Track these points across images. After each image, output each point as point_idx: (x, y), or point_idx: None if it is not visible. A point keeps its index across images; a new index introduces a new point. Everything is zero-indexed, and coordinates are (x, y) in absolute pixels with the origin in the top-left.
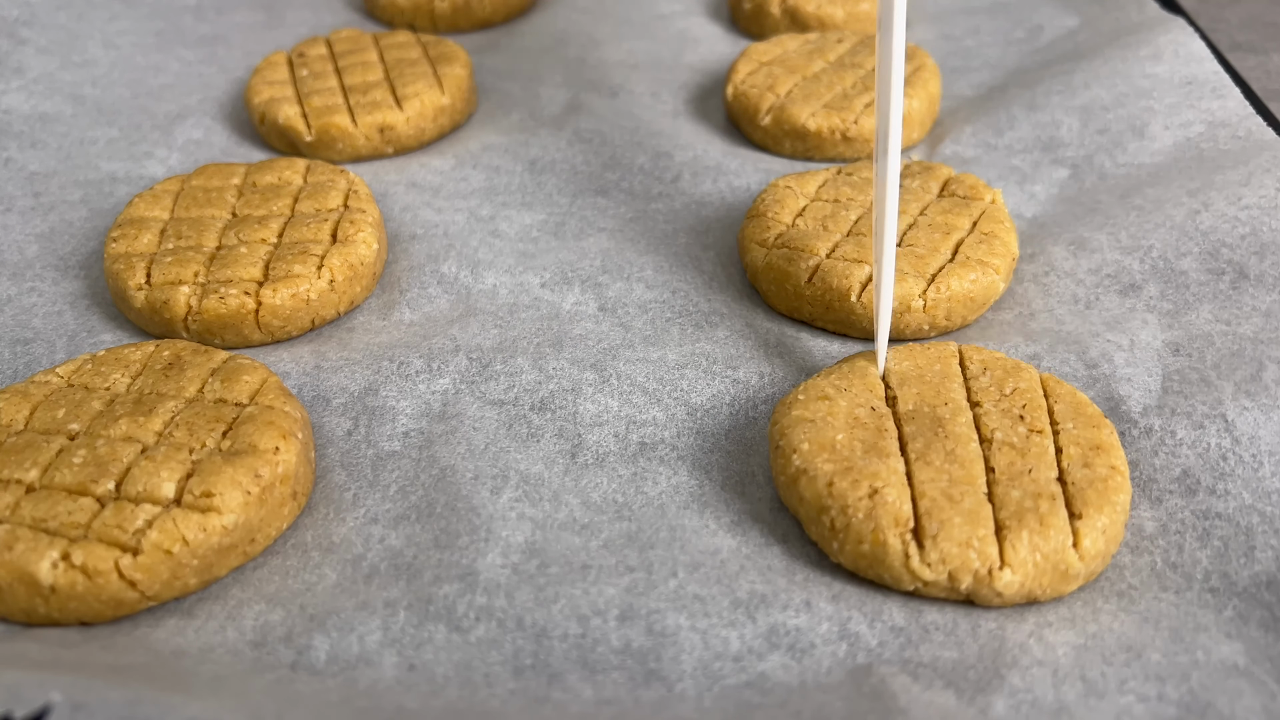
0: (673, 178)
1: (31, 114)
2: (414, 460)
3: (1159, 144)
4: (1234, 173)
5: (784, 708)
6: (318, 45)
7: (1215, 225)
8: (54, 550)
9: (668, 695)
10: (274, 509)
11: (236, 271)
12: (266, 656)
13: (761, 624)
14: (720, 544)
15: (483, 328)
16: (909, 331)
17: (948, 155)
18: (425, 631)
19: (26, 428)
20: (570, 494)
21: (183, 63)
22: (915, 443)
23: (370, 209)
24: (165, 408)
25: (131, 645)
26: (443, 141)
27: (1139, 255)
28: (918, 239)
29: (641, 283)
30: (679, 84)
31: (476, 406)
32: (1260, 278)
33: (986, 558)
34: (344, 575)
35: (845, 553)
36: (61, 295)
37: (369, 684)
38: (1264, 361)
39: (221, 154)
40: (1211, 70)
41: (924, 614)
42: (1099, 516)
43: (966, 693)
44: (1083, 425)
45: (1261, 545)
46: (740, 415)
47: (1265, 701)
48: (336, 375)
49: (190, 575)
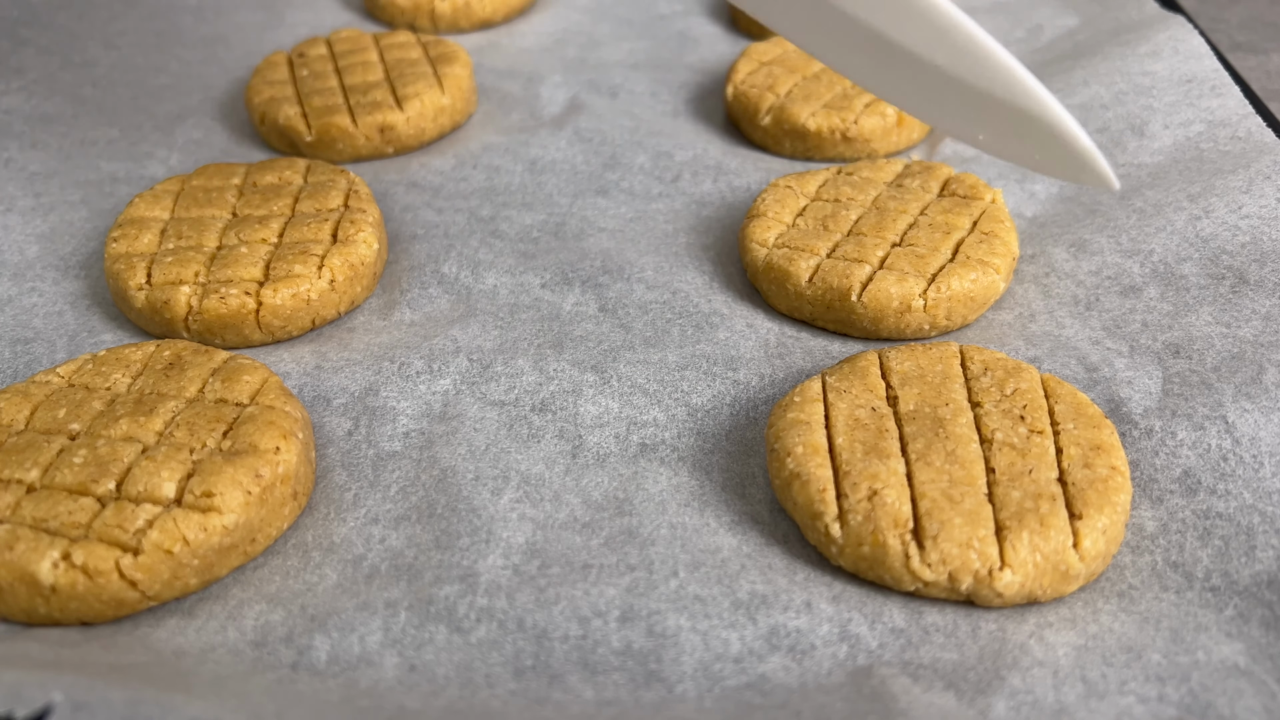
0: (673, 178)
1: (32, 114)
2: (415, 461)
3: (1159, 143)
4: (1234, 178)
5: (784, 709)
6: (318, 45)
7: (1216, 232)
8: (55, 550)
9: (668, 696)
10: (274, 509)
11: (237, 271)
12: (267, 656)
13: (762, 625)
14: (721, 543)
15: (483, 328)
16: (909, 331)
17: (948, 155)
18: (426, 632)
19: (27, 428)
20: (571, 493)
21: (183, 63)
22: (916, 443)
23: (370, 209)
24: (166, 408)
25: (132, 645)
26: (443, 141)
27: (1139, 259)
28: (918, 239)
29: (641, 283)
30: (679, 84)
31: (477, 407)
32: (1260, 283)
33: (987, 558)
34: (345, 575)
35: (845, 554)
36: (62, 295)
37: (370, 684)
38: (1264, 364)
39: (221, 154)
40: (1211, 68)
41: (924, 615)
42: (1099, 517)
43: (967, 694)
44: (1083, 426)
45: (1262, 545)
46: (741, 416)
47: (1266, 701)
48: (337, 375)
49: (191, 575)
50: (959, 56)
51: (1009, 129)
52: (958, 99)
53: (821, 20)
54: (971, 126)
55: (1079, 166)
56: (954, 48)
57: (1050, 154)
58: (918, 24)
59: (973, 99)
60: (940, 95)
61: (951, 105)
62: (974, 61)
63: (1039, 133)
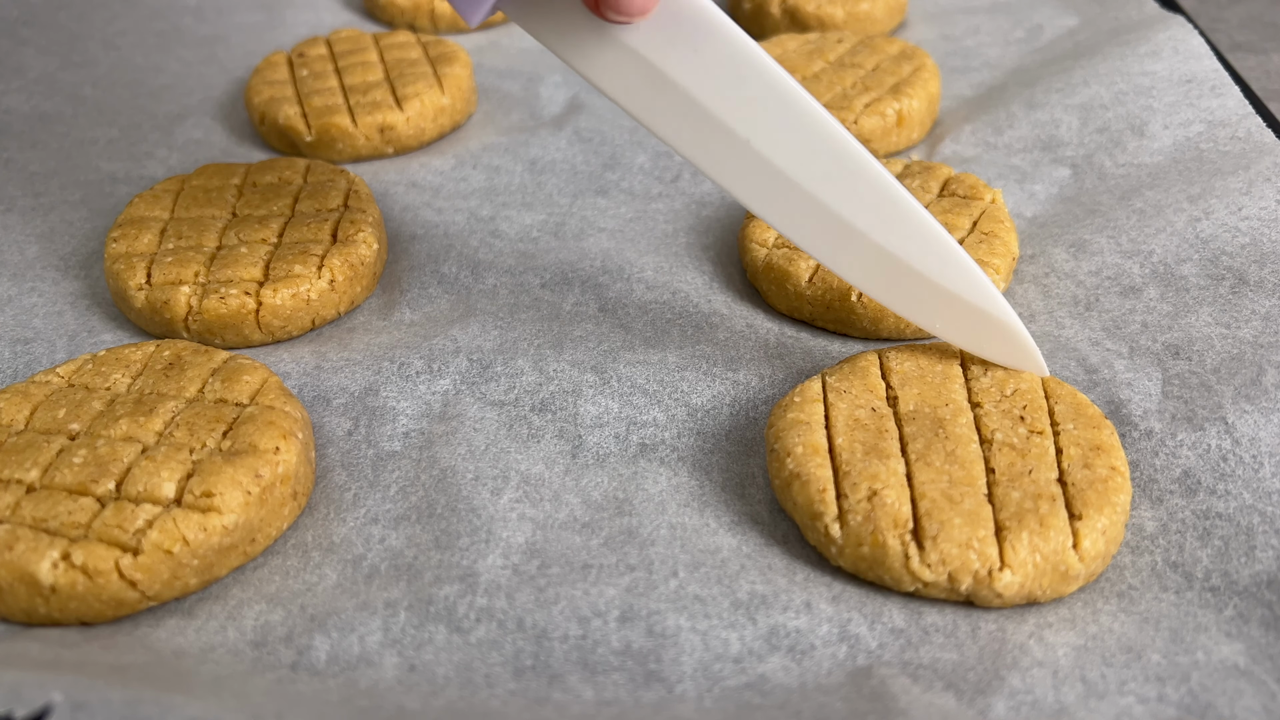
0: (673, 178)
1: (31, 114)
2: (414, 461)
3: (1159, 143)
4: (1234, 179)
5: (784, 709)
6: (318, 45)
7: (1216, 234)
8: (54, 550)
9: (668, 696)
10: (274, 509)
11: (237, 271)
12: (267, 656)
13: (762, 625)
14: (721, 543)
15: (483, 328)
16: (909, 331)
17: (947, 155)
18: (426, 632)
19: (27, 428)
20: (571, 493)
21: (183, 63)
22: (916, 443)
23: (370, 209)
24: (165, 408)
25: (132, 645)
26: (443, 141)
27: (1139, 259)
28: None
29: (641, 283)
30: None
31: (477, 407)
32: (1260, 283)
33: (986, 559)
34: (344, 575)
35: (845, 555)
36: (62, 295)
37: (369, 684)
38: (1264, 365)
39: (221, 154)
40: (1211, 68)
41: (924, 615)
42: (1099, 517)
43: (966, 694)
44: (1083, 426)
45: (1262, 545)
46: (741, 416)
47: (1265, 702)
48: (337, 375)
49: (190, 575)
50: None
51: (957, 321)
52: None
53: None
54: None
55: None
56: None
57: (989, 343)
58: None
59: (925, 289)
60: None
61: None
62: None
63: (986, 326)
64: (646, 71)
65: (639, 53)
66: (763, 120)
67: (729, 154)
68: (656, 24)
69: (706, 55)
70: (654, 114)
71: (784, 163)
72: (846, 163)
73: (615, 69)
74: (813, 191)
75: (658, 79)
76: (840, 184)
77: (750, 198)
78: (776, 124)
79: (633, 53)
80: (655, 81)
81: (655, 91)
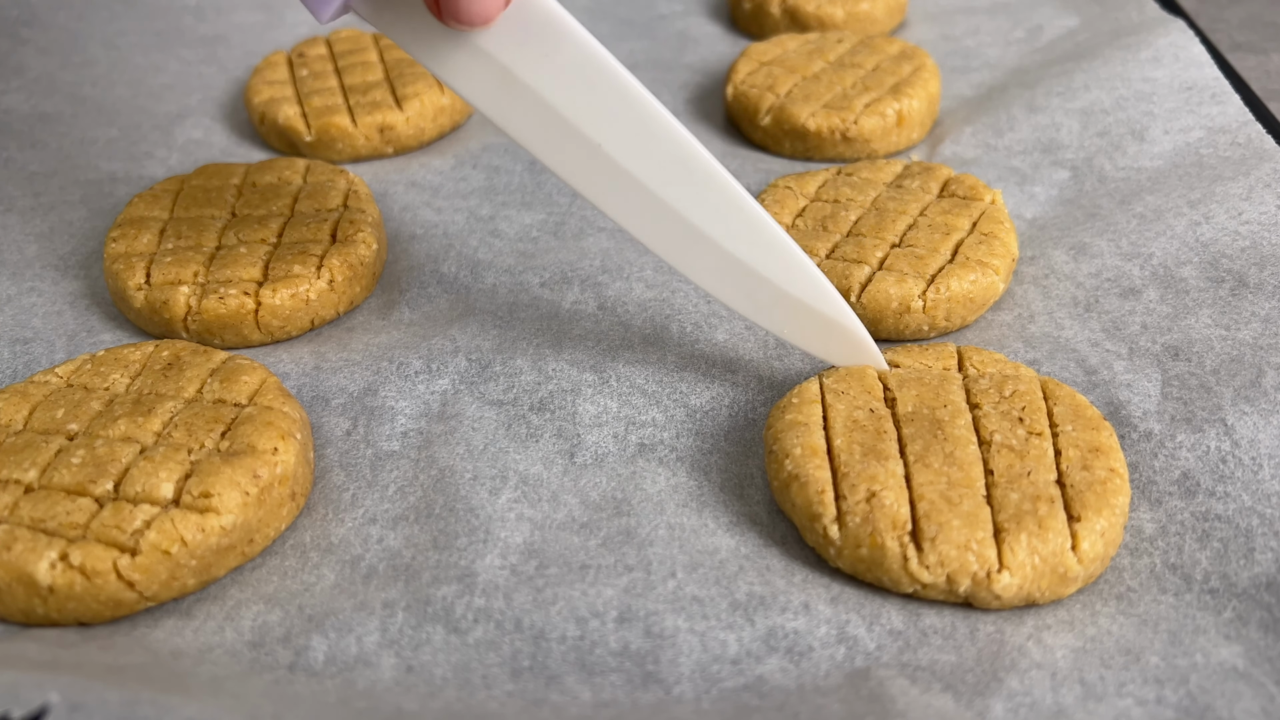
0: None
1: (31, 114)
2: (413, 461)
3: (1159, 148)
4: (1234, 185)
5: (782, 711)
6: (318, 45)
7: (1216, 237)
8: (52, 550)
9: (666, 698)
10: (272, 509)
11: (236, 271)
12: (264, 657)
13: (760, 627)
14: (719, 544)
15: (482, 328)
16: (908, 332)
17: (947, 155)
18: (423, 633)
19: (25, 428)
20: (569, 494)
21: (183, 63)
22: (914, 445)
23: (370, 209)
24: (164, 408)
25: (130, 646)
26: (443, 141)
27: (1139, 262)
28: (917, 239)
29: (641, 282)
30: (679, 84)
31: (475, 407)
32: (1260, 286)
33: (985, 560)
34: (342, 576)
35: (843, 556)
36: (61, 295)
37: (367, 685)
38: (1263, 367)
39: (221, 154)
40: (1211, 76)
41: (922, 617)
42: (1098, 519)
43: (965, 696)
44: (1082, 428)
45: (1261, 547)
46: (739, 417)
47: (1264, 704)
48: (336, 375)
49: (188, 576)
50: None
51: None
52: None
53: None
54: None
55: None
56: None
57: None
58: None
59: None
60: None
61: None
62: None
63: (822, 325)
64: (498, 74)
65: (491, 55)
66: (614, 125)
67: (581, 157)
68: (508, 27)
69: (559, 59)
70: (506, 116)
71: (635, 167)
72: (695, 170)
73: (467, 70)
74: (663, 196)
75: (510, 81)
76: (689, 190)
77: (603, 201)
78: (627, 129)
79: (485, 55)
80: (507, 84)
81: (508, 94)
